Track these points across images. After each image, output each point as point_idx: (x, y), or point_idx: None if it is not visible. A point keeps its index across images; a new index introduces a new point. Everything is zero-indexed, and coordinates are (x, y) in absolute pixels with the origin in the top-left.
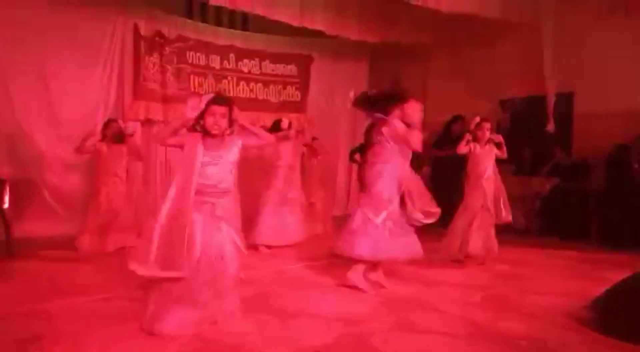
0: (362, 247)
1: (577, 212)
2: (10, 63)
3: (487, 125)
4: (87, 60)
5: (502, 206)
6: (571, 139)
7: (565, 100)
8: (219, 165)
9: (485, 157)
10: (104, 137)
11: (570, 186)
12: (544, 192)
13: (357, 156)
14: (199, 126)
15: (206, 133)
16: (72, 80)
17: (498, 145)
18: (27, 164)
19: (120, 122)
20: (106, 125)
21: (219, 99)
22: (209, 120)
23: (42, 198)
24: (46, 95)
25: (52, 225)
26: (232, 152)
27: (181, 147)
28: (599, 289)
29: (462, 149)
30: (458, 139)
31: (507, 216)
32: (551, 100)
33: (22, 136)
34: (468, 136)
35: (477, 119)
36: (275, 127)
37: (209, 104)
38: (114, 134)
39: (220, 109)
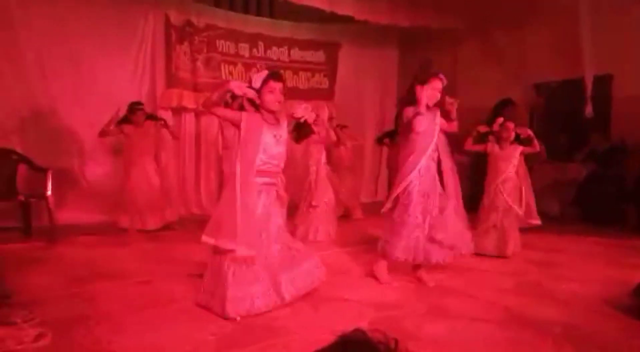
0: None
1: (614, 198)
2: (48, 56)
3: (511, 125)
4: (121, 50)
5: (529, 207)
6: (609, 124)
7: (604, 83)
8: (279, 144)
9: (505, 159)
10: (130, 122)
11: (607, 172)
12: (580, 179)
13: (386, 141)
14: (253, 104)
15: (262, 110)
16: (107, 71)
17: (528, 141)
18: (67, 154)
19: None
20: (131, 111)
21: (276, 75)
22: (269, 97)
23: (81, 186)
24: (82, 87)
25: (91, 212)
26: (286, 131)
27: (234, 122)
28: (636, 276)
29: (469, 146)
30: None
31: (534, 218)
32: (589, 84)
33: (61, 127)
34: (479, 129)
35: (501, 120)
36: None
37: (267, 79)
38: (139, 119)
39: (278, 85)
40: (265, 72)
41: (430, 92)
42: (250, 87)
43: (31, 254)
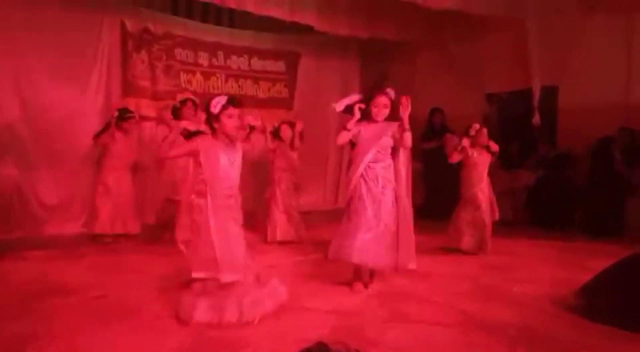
0: None
1: (562, 203)
2: None
3: (485, 131)
4: (75, 59)
5: (493, 205)
6: (556, 132)
7: (550, 94)
8: (233, 167)
9: (482, 163)
10: (119, 128)
11: (555, 177)
12: (530, 185)
13: None
14: (211, 128)
15: (219, 134)
16: (60, 80)
17: (492, 153)
18: (15, 165)
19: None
20: (125, 119)
21: (236, 101)
22: (228, 122)
23: (24, 199)
24: (34, 95)
25: (35, 225)
26: (240, 155)
27: (192, 154)
28: (585, 277)
29: (455, 158)
30: (441, 130)
31: (495, 214)
32: (536, 94)
33: (11, 138)
34: (464, 142)
35: (477, 126)
36: (276, 134)
37: (227, 105)
38: (128, 127)
39: (236, 111)
40: (224, 98)
41: (375, 110)
42: (207, 112)
43: None
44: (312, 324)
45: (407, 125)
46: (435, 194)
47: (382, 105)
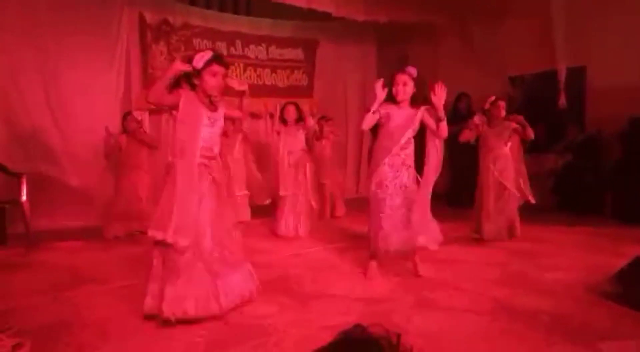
0: None
1: (591, 187)
2: (19, 58)
3: (502, 104)
4: (95, 51)
5: (522, 185)
6: (584, 115)
7: (577, 74)
8: (214, 128)
9: (494, 137)
10: (124, 130)
11: (584, 161)
12: (557, 169)
13: None
14: (191, 85)
15: (199, 91)
16: (81, 72)
17: (522, 126)
18: (42, 158)
19: (136, 114)
20: (124, 118)
21: (221, 59)
22: (211, 81)
23: (56, 191)
24: (56, 88)
25: (70, 217)
26: (222, 117)
27: (174, 104)
28: (618, 263)
29: (464, 136)
30: (467, 115)
31: (527, 194)
32: (562, 75)
33: (35, 130)
34: (476, 119)
35: (492, 98)
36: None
37: (211, 61)
38: (132, 127)
39: (221, 69)
40: (209, 53)
41: (394, 88)
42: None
43: (7, 261)
44: (339, 311)
45: (442, 114)
46: (460, 181)
47: (401, 83)
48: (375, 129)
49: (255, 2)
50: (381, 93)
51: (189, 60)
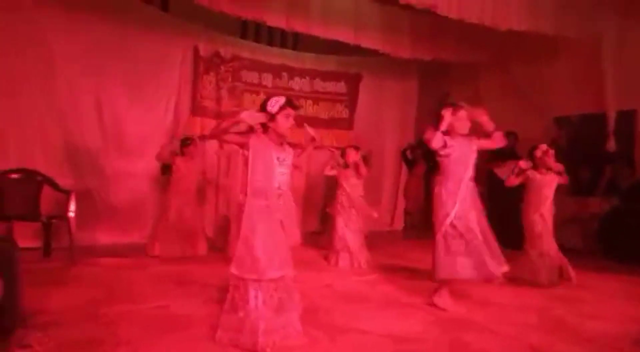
0: None
1: (638, 234)
2: (78, 83)
3: (552, 152)
4: (150, 79)
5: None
6: (634, 159)
7: (627, 118)
8: (283, 168)
9: (548, 185)
10: (182, 154)
11: (631, 206)
12: (602, 213)
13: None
14: (265, 128)
15: (271, 133)
16: (136, 98)
17: (559, 173)
18: (91, 177)
19: (197, 140)
20: (185, 143)
21: (293, 103)
22: (284, 122)
23: (103, 208)
24: (111, 112)
25: (112, 234)
26: (290, 157)
27: (242, 144)
28: None
29: (512, 181)
30: (511, 154)
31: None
32: (611, 118)
33: (87, 150)
34: (522, 164)
35: (544, 147)
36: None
37: (285, 105)
38: (191, 152)
39: (293, 112)
40: (282, 98)
41: (458, 123)
42: (263, 110)
43: (50, 275)
44: (368, 348)
45: (490, 127)
46: (500, 220)
47: (464, 118)
48: (410, 162)
49: (302, 36)
50: (449, 117)
51: (261, 105)
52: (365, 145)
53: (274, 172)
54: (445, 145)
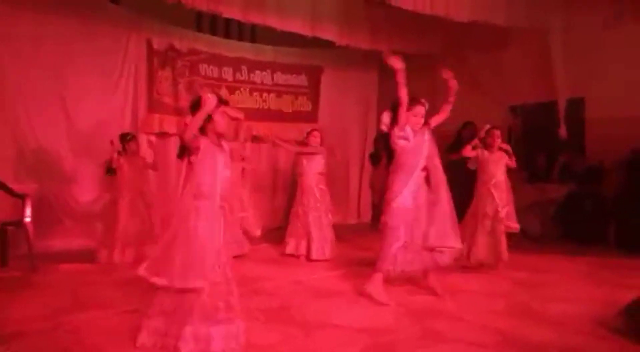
0: None
1: (594, 217)
2: (27, 79)
3: (497, 132)
4: (103, 76)
5: (509, 211)
6: (584, 144)
7: (577, 105)
8: (227, 170)
9: (494, 164)
10: (125, 152)
11: (586, 191)
12: (559, 198)
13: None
14: (202, 130)
15: (209, 134)
16: (88, 96)
17: (508, 155)
18: (47, 179)
19: (141, 137)
20: (124, 139)
21: (224, 99)
22: (221, 121)
23: (62, 212)
24: (64, 112)
25: (71, 239)
26: (228, 154)
27: (193, 147)
28: (624, 295)
29: (467, 152)
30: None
31: (513, 222)
32: (562, 106)
33: (43, 152)
34: (475, 141)
35: (487, 126)
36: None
37: (219, 103)
38: (132, 148)
39: (226, 108)
40: (214, 96)
41: (413, 119)
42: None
43: (9, 284)
44: (343, 342)
45: (452, 99)
46: (460, 208)
47: (420, 115)
48: (376, 157)
49: (260, 29)
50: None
51: (193, 107)
52: (330, 138)
53: (219, 174)
54: (403, 132)
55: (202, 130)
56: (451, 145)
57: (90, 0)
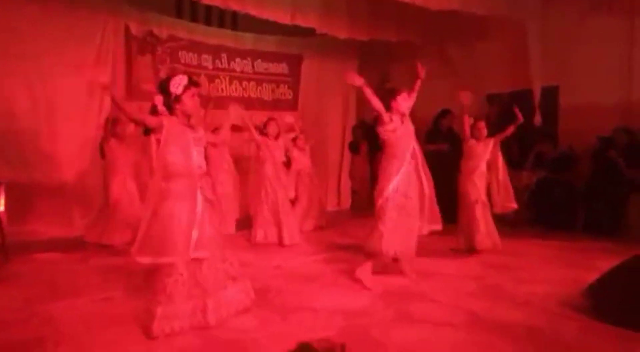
0: None
1: (564, 203)
2: (3, 65)
3: (482, 124)
4: (80, 61)
5: (507, 192)
6: (557, 132)
7: (551, 94)
8: (200, 146)
9: (479, 156)
10: (113, 135)
11: (557, 177)
12: (532, 185)
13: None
14: (171, 110)
15: (178, 114)
16: (67, 82)
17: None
18: (23, 166)
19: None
20: (113, 123)
21: (195, 81)
22: (191, 102)
23: (37, 200)
24: (41, 96)
25: (47, 227)
26: (203, 135)
27: (156, 128)
28: (591, 276)
29: (465, 120)
30: (447, 132)
31: (512, 202)
32: (537, 94)
33: (19, 138)
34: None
35: (471, 120)
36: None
37: (189, 85)
38: (119, 132)
39: (197, 90)
40: (184, 78)
41: (403, 104)
42: (164, 92)
43: None
44: (319, 325)
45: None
46: (438, 197)
47: (403, 99)
48: (355, 146)
49: (241, 17)
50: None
51: (161, 87)
52: (310, 125)
53: (192, 153)
54: (391, 121)
55: (171, 110)
56: (429, 134)
57: None
